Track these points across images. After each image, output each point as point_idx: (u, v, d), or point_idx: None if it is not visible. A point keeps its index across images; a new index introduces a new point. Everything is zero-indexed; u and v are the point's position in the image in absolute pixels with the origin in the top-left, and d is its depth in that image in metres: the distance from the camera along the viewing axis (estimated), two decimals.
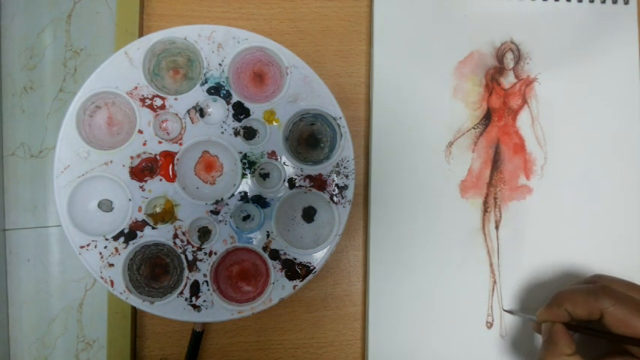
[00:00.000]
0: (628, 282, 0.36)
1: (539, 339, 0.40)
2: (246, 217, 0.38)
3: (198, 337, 0.40)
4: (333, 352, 0.42)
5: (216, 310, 0.36)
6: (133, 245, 0.36)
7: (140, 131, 0.37)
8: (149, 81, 0.37)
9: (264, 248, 0.37)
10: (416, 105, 0.42)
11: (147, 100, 0.37)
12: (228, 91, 0.37)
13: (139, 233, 0.37)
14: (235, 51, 0.37)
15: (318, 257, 0.37)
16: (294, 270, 0.37)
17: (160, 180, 0.37)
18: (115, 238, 0.36)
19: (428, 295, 0.41)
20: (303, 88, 0.38)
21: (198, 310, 0.36)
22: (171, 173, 0.37)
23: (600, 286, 0.35)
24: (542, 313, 0.36)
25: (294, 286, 0.37)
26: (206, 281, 0.37)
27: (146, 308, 0.36)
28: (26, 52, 1.07)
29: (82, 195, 0.37)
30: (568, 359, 0.34)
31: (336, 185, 0.38)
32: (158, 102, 0.37)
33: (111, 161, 0.36)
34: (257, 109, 0.37)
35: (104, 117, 0.38)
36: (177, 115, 0.37)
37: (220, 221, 0.37)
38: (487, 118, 0.43)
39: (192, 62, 0.39)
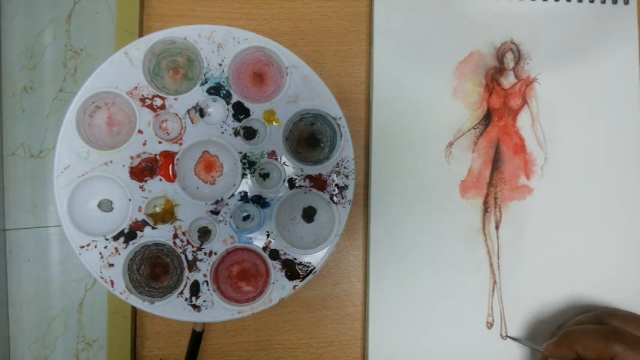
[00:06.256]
0: None
1: (539, 339, 0.40)
2: (246, 217, 0.38)
3: (198, 337, 0.40)
4: (333, 352, 0.42)
5: (216, 310, 0.36)
6: (133, 245, 0.36)
7: (140, 131, 0.37)
8: (149, 81, 0.37)
9: (264, 248, 0.37)
10: (416, 105, 0.42)
11: (147, 100, 0.37)
12: (228, 91, 0.37)
13: (139, 233, 0.37)
14: (235, 51, 0.37)
15: (318, 257, 0.37)
16: (294, 270, 0.37)
17: (160, 180, 0.37)
18: (115, 238, 0.36)
19: (428, 295, 0.41)
20: (303, 88, 0.38)
21: (198, 310, 0.36)
22: (171, 173, 0.37)
23: (612, 329, 0.34)
24: (551, 350, 0.36)
25: (294, 286, 0.37)
26: (206, 281, 0.37)
27: (146, 308, 0.36)
28: (26, 52, 1.07)
29: (82, 195, 0.37)
30: None
31: (336, 185, 0.38)
32: (158, 102, 0.37)
33: (111, 161, 0.36)
34: (257, 109, 0.37)
35: (104, 117, 0.38)
36: (177, 115, 0.37)
37: (220, 221, 0.37)
38: (487, 118, 0.42)
39: (192, 62, 0.39)
